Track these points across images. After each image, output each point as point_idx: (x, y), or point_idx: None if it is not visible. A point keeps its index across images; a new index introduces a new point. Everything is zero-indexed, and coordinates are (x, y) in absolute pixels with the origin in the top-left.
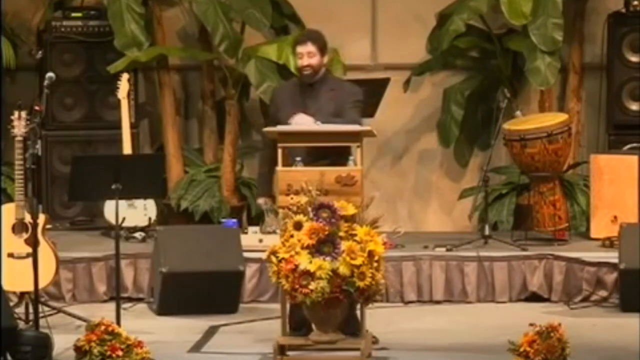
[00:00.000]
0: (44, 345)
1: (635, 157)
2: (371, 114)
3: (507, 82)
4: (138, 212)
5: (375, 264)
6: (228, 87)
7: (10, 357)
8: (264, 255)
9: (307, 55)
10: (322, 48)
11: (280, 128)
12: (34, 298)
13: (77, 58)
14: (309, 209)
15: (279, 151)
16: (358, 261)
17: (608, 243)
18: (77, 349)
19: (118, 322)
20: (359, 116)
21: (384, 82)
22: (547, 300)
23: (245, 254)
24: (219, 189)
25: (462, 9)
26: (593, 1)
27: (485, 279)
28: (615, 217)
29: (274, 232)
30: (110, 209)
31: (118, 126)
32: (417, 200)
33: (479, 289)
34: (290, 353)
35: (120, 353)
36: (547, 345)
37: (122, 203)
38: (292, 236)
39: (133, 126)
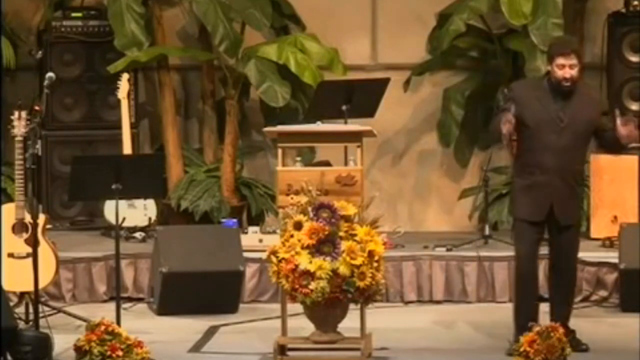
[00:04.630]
0: (44, 345)
1: (635, 157)
2: (371, 114)
3: (507, 82)
4: (138, 212)
5: (375, 264)
6: (228, 87)
7: (10, 357)
8: (264, 255)
9: (569, 67)
10: (582, 57)
11: (280, 128)
12: (34, 298)
13: (77, 58)
14: (309, 209)
15: (279, 151)
16: (358, 261)
17: (608, 243)
18: (77, 349)
19: (118, 322)
20: None
21: (384, 82)
22: (547, 300)
23: (245, 254)
24: (219, 189)
25: (462, 9)
26: (593, 1)
27: (485, 279)
28: (615, 217)
29: (274, 232)
30: (110, 209)
31: (118, 126)
32: (417, 200)
33: (479, 289)
34: (290, 353)
35: (120, 353)
36: (547, 345)
37: (122, 203)
38: (292, 236)
39: (133, 126)
